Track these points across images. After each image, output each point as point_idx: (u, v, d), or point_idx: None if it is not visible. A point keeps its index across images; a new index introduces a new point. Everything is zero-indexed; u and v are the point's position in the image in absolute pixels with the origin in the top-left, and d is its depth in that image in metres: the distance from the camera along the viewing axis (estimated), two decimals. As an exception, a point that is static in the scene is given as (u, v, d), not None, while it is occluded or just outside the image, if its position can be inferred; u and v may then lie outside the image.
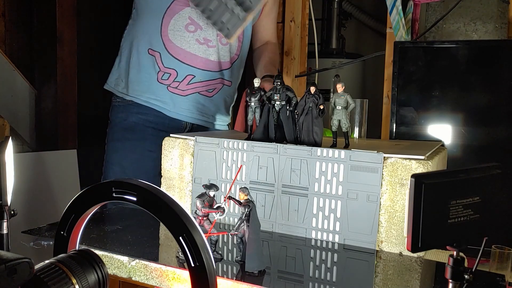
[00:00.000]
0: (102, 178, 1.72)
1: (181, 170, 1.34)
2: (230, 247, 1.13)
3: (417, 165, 1.08)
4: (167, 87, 1.65)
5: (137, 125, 1.69)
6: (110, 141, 1.74)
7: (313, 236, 1.18)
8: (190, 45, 1.62)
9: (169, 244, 1.14)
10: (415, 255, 1.08)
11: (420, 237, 0.64)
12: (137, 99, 1.67)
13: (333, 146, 1.20)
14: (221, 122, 1.81)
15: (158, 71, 1.64)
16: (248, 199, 0.98)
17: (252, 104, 1.27)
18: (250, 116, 1.29)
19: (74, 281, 0.59)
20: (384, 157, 1.11)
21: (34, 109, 2.37)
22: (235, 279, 0.93)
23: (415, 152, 1.16)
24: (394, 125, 1.68)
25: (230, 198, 1.01)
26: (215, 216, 1.00)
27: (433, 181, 0.65)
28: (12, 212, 0.83)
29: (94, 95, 2.48)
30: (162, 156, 1.36)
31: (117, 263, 1.02)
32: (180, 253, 0.99)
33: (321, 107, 1.20)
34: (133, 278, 1.00)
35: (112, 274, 1.01)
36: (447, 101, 1.83)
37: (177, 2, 1.61)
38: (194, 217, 0.91)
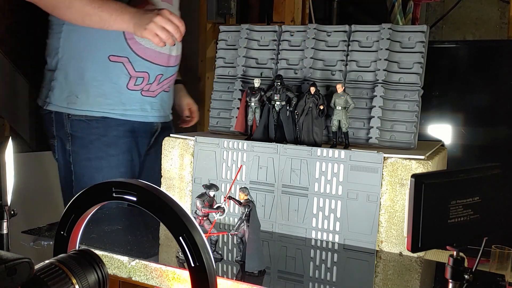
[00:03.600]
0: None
1: (181, 170, 1.34)
2: (230, 247, 1.13)
3: (417, 165, 1.08)
4: (140, 92, 1.56)
5: (119, 138, 1.56)
6: (88, 161, 1.54)
7: (313, 236, 1.17)
8: None
9: (169, 244, 1.14)
10: (415, 255, 1.08)
11: (420, 237, 0.64)
12: (110, 113, 1.53)
13: (333, 146, 1.20)
14: (169, 115, 1.76)
15: (130, 78, 1.52)
16: (248, 199, 0.98)
17: (252, 104, 1.27)
18: (250, 116, 1.29)
19: (74, 281, 0.59)
20: (384, 157, 1.11)
21: (34, 109, 2.37)
22: (235, 279, 0.93)
23: (415, 152, 1.16)
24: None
25: (230, 198, 1.01)
26: (215, 216, 1.00)
27: (433, 181, 0.65)
28: (12, 212, 0.83)
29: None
30: (162, 156, 1.36)
31: (117, 263, 1.02)
32: (180, 253, 0.99)
33: (321, 107, 1.20)
34: (133, 278, 1.00)
35: (112, 274, 1.01)
36: (447, 101, 1.83)
37: (134, 1, 1.49)
38: (194, 217, 0.92)
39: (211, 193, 1.00)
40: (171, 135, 1.37)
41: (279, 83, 1.22)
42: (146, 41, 1.49)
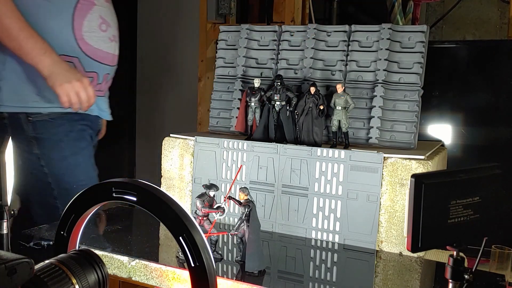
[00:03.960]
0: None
1: (181, 170, 1.34)
2: (230, 247, 1.13)
3: (417, 165, 1.08)
4: None
5: (83, 131, 1.56)
6: (64, 159, 1.51)
7: (313, 236, 1.18)
8: (105, 44, 1.54)
9: (169, 244, 1.14)
10: (415, 255, 1.08)
11: (420, 237, 0.64)
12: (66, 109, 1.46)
13: (333, 146, 1.20)
14: None
15: None
16: (248, 199, 0.98)
17: (252, 104, 1.27)
18: (250, 116, 1.29)
19: (74, 281, 0.59)
20: (384, 157, 1.11)
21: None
22: (235, 279, 0.93)
23: (415, 152, 1.16)
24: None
25: (230, 198, 1.01)
26: (215, 216, 1.00)
27: (433, 181, 0.65)
28: (12, 212, 0.83)
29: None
30: (162, 156, 1.36)
31: (117, 263, 1.02)
32: (180, 253, 0.99)
33: (321, 107, 1.20)
34: (133, 278, 1.00)
35: (112, 274, 1.02)
36: (447, 101, 1.83)
37: (82, 2, 1.48)
38: (194, 217, 0.92)
39: (211, 193, 1.00)
40: (171, 135, 1.37)
41: (279, 83, 1.22)
42: (95, 41, 1.50)
